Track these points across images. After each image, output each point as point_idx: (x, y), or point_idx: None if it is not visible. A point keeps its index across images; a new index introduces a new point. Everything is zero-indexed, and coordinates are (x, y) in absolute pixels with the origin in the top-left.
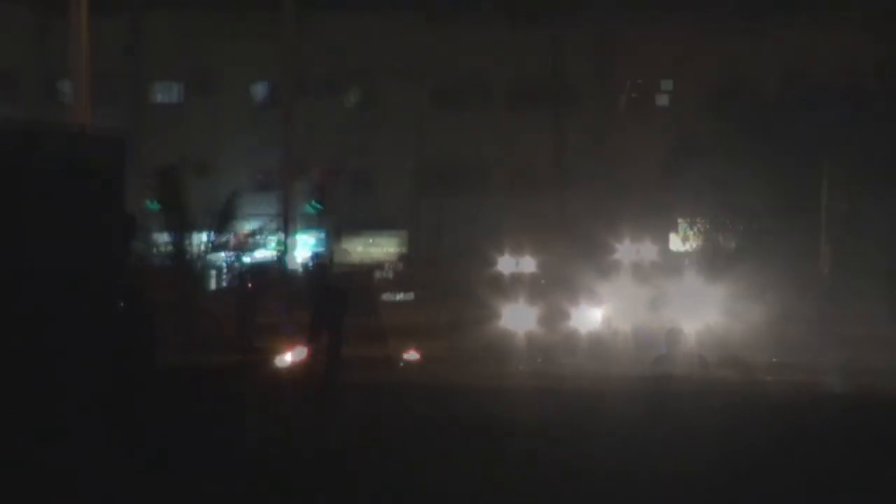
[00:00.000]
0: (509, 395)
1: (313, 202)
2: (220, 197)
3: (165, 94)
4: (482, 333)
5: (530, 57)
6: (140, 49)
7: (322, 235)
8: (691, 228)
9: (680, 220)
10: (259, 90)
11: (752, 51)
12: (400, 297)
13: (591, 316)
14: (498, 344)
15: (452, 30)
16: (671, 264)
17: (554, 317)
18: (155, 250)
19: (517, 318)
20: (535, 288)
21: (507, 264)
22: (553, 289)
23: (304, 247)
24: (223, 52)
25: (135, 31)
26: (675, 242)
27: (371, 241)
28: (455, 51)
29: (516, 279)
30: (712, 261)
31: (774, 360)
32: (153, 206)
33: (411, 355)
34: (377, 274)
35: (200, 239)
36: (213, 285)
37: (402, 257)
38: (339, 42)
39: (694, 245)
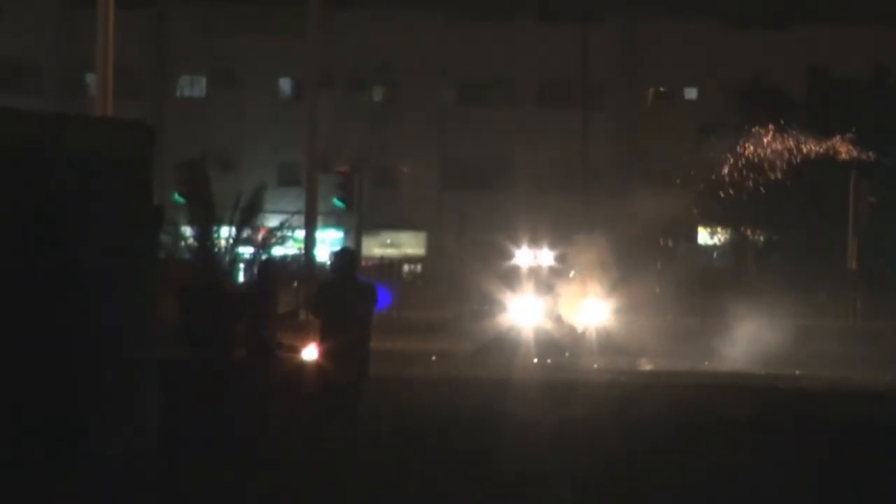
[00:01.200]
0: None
1: (337, 199)
2: (244, 191)
3: (190, 87)
4: (486, 328)
5: (555, 55)
6: (164, 42)
7: (342, 234)
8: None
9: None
10: (283, 85)
11: (776, 49)
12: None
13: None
14: (504, 339)
15: (477, 27)
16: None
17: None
18: (183, 244)
19: (525, 313)
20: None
21: (523, 259)
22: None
23: (325, 244)
24: (248, 47)
25: (160, 25)
26: (703, 236)
27: (388, 241)
28: (479, 49)
29: (530, 273)
30: (742, 254)
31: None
32: (179, 199)
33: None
34: (405, 269)
35: (226, 233)
36: (241, 279)
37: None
38: (363, 38)
39: (722, 239)
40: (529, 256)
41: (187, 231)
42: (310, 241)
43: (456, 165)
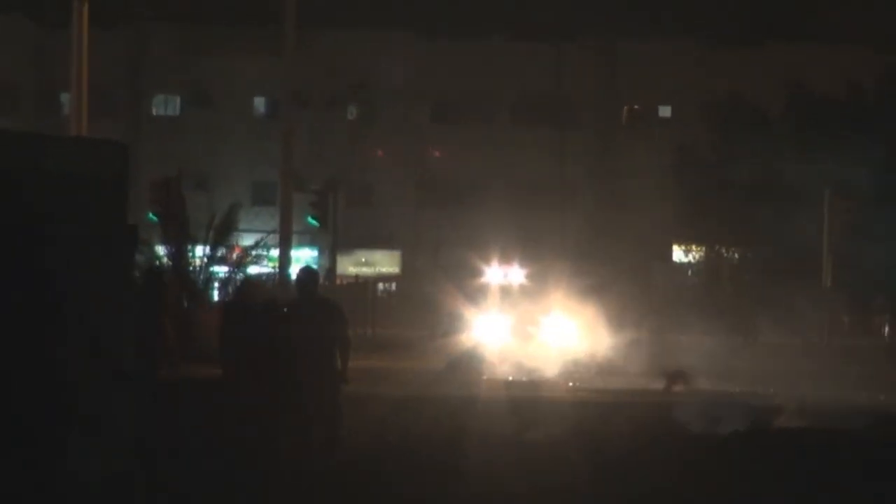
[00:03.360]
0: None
1: (311, 216)
2: (219, 210)
3: (164, 106)
4: (452, 347)
5: (532, 73)
6: (139, 62)
7: (316, 252)
8: (693, 243)
9: (675, 241)
10: (258, 104)
11: (751, 67)
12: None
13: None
14: (470, 356)
15: (453, 46)
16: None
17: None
18: (157, 262)
19: (491, 330)
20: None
21: (493, 276)
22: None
23: (300, 263)
24: (222, 66)
25: (135, 44)
26: (678, 254)
27: (363, 259)
28: (456, 67)
29: (498, 291)
30: (716, 272)
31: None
32: (153, 218)
33: None
34: (380, 287)
35: (200, 252)
36: (216, 298)
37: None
38: (339, 57)
39: (696, 257)
40: (500, 274)
41: (161, 250)
42: (284, 260)
43: (432, 184)
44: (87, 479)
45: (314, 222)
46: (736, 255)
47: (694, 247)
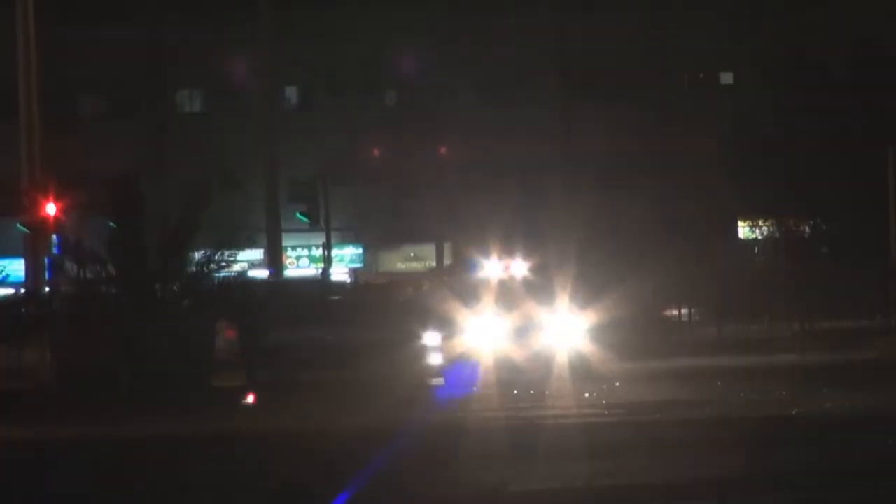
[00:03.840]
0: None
1: (300, 213)
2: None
3: (189, 102)
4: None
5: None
6: (161, 59)
7: (360, 250)
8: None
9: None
10: (287, 95)
11: (816, 24)
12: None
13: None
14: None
15: (497, 25)
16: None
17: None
18: (193, 268)
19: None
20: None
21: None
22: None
23: (342, 262)
24: (248, 59)
25: (155, 42)
26: (744, 230)
27: (412, 254)
28: (500, 47)
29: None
30: (783, 247)
31: None
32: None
33: None
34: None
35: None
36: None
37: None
38: (370, 41)
39: (764, 232)
40: (499, 268)
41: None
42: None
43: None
44: None
45: (304, 219)
46: (806, 229)
47: (760, 221)
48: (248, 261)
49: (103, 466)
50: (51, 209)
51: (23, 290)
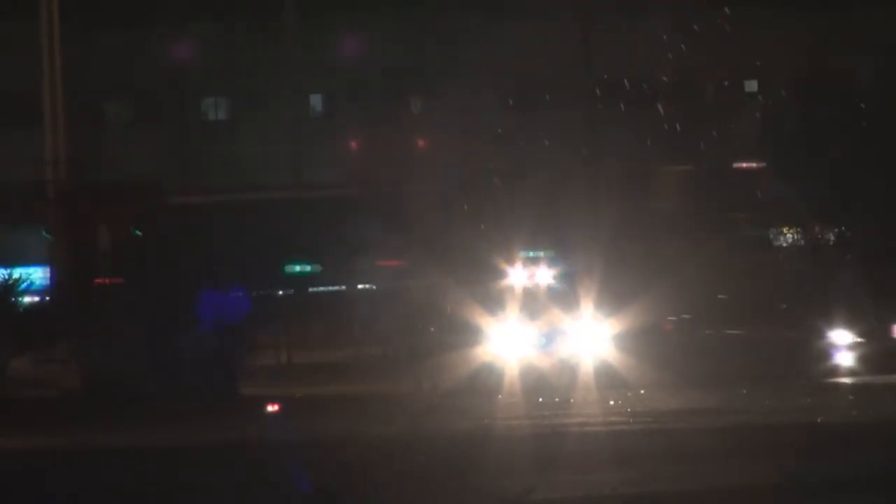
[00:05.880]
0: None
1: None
2: None
3: (214, 110)
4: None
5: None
6: (187, 64)
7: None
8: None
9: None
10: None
11: (840, 30)
12: None
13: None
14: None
15: (521, 27)
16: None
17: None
18: None
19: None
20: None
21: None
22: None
23: None
24: (275, 65)
25: (183, 46)
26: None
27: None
28: (527, 54)
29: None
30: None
31: None
32: None
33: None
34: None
35: None
36: None
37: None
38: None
39: (792, 237)
40: (524, 275)
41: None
42: None
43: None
44: None
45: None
46: (831, 236)
47: (786, 229)
48: None
49: (132, 474)
50: (76, 216)
51: (47, 298)
